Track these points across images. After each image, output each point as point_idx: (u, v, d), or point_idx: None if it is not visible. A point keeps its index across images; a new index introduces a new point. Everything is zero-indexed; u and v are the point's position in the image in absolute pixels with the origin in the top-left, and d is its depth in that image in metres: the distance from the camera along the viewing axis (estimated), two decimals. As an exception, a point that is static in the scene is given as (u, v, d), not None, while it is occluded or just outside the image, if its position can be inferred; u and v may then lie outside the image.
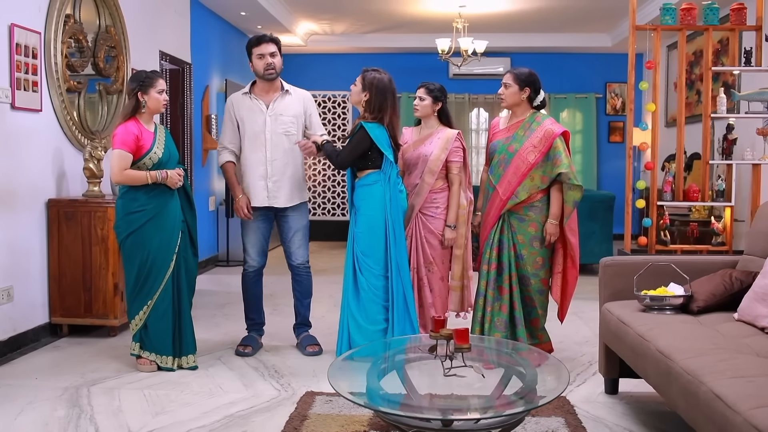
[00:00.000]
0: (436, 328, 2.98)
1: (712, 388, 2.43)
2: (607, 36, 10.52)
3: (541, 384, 2.75)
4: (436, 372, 2.84)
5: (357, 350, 3.44)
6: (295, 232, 4.75)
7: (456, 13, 8.74)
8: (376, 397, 2.61)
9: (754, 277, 3.43)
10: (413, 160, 4.55)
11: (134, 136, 4.17)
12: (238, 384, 4.07)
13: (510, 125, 4.43)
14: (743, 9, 6.20)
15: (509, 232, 4.34)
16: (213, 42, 8.47)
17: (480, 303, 4.37)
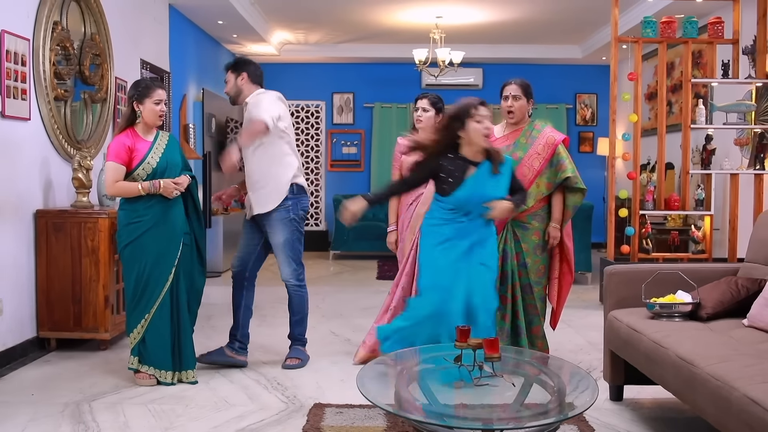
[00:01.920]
0: (461, 338, 2.97)
1: (746, 393, 2.47)
2: (577, 48, 10.68)
3: (572, 393, 2.76)
4: (464, 382, 2.83)
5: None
6: (273, 248, 4.68)
7: (433, 23, 8.81)
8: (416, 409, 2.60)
9: (759, 283, 3.51)
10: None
11: (126, 148, 4.11)
12: (243, 397, 4.01)
13: (508, 134, 4.46)
14: (720, 23, 6.36)
15: (512, 241, 4.37)
16: (190, 51, 8.39)
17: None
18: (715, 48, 6.41)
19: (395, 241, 4.78)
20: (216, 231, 8.35)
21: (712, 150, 6.52)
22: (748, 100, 6.59)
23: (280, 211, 4.53)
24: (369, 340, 4.60)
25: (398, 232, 4.78)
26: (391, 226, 4.81)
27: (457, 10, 8.52)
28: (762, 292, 3.33)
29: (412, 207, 4.65)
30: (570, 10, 8.59)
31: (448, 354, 3.01)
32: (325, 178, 11.42)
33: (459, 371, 2.84)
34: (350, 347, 5.15)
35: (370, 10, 8.61)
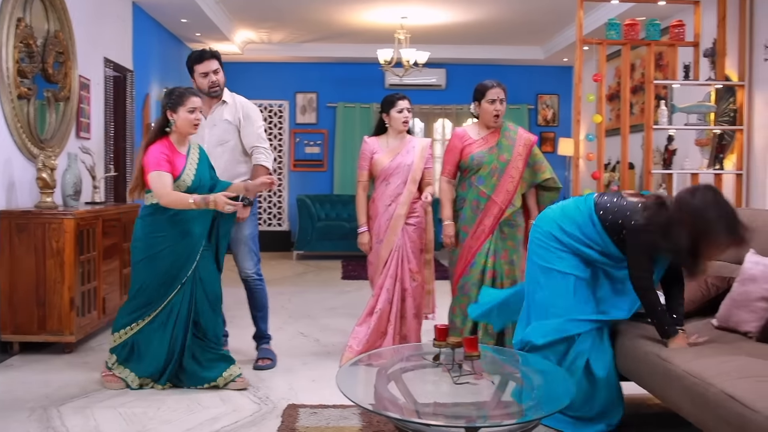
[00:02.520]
0: (440, 336, 2.99)
1: (723, 389, 2.52)
2: (539, 49, 10.80)
3: (549, 390, 2.80)
4: (443, 380, 2.85)
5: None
6: (237, 241, 4.64)
7: (398, 24, 8.82)
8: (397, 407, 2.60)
9: (728, 282, 3.59)
10: (392, 170, 4.63)
11: (164, 156, 3.93)
12: (216, 399, 3.97)
13: (485, 136, 4.50)
14: (682, 26, 6.49)
15: (501, 239, 4.43)
16: (153, 49, 8.28)
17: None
18: (676, 50, 6.53)
19: (368, 242, 4.72)
20: (179, 231, 8.25)
21: (673, 150, 6.65)
22: (707, 101, 6.73)
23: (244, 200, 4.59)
24: (355, 344, 4.54)
25: (374, 233, 4.70)
26: (362, 227, 4.75)
27: (421, 11, 8.55)
28: (730, 292, 3.41)
29: (391, 208, 4.63)
30: (533, 12, 8.68)
31: (425, 353, 3.02)
32: (288, 178, 11.37)
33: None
34: (319, 348, 5.14)
35: (335, 10, 8.59)
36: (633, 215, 3.18)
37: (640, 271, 3.16)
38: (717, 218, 2.92)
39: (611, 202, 3.32)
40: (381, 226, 4.66)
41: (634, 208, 3.21)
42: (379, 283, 4.63)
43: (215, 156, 4.51)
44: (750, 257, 3.38)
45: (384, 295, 4.60)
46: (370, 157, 4.71)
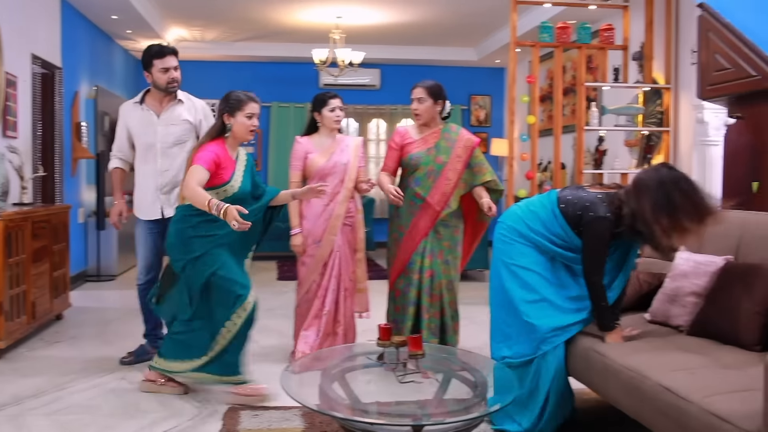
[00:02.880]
0: (384, 336, 3.00)
1: (659, 381, 2.61)
2: (472, 50, 10.94)
3: (493, 387, 2.84)
4: (387, 380, 2.87)
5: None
6: None
7: (333, 23, 8.82)
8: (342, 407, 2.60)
9: (659, 278, 3.71)
10: (329, 169, 4.59)
11: (215, 156, 3.79)
12: (154, 403, 3.89)
13: (425, 136, 4.48)
14: (611, 29, 6.67)
15: (436, 240, 4.43)
16: (82, 46, 8.05)
17: (410, 312, 4.38)
18: (606, 53, 6.71)
19: (302, 243, 4.63)
20: (110, 233, 8.06)
21: (604, 151, 6.83)
22: (635, 103, 6.94)
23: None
24: (308, 349, 4.49)
25: (309, 234, 4.62)
26: (296, 229, 4.66)
27: (357, 11, 8.56)
28: (661, 287, 3.52)
29: (330, 207, 4.58)
30: (467, 14, 8.79)
31: (369, 352, 3.04)
32: (222, 178, 11.21)
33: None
34: (258, 349, 5.08)
35: (270, 9, 8.53)
36: (592, 206, 3.24)
37: (593, 264, 3.22)
38: (675, 190, 2.99)
39: (572, 194, 3.37)
40: (318, 226, 4.60)
41: (593, 199, 3.27)
42: (323, 285, 4.58)
43: (171, 156, 4.45)
44: (680, 254, 3.50)
45: (330, 296, 4.57)
46: (304, 156, 4.64)
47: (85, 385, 4.19)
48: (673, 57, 6.59)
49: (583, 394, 3.94)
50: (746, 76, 4.23)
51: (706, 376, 2.60)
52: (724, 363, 2.78)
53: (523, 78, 8.39)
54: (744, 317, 2.96)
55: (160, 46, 4.46)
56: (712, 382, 2.53)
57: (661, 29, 6.66)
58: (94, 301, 6.85)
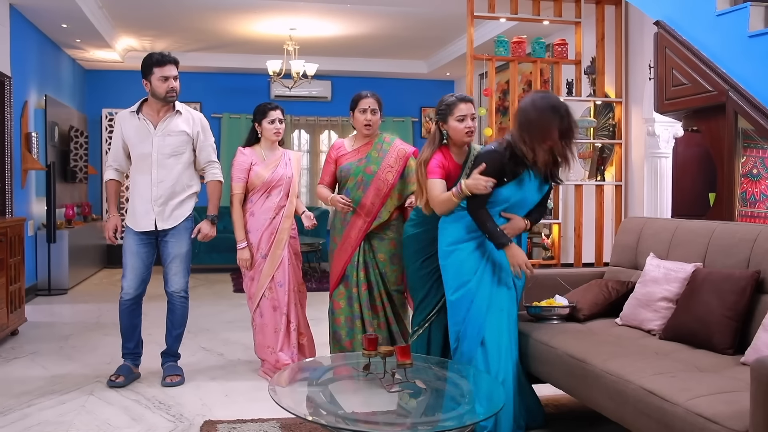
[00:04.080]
0: (370, 346, 3.03)
1: (642, 385, 2.71)
2: (423, 63, 11.07)
3: (480, 394, 2.90)
4: (375, 389, 2.90)
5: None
6: (173, 257, 4.52)
7: (286, 35, 8.82)
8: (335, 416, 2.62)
9: (628, 285, 3.83)
10: (275, 182, 4.57)
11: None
12: (126, 418, 3.83)
13: (358, 147, 4.44)
14: (565, 44, 6.85)
15: (371, 252, 4.40)
16: (31, 55, 7.88)
17: (358, 325, 4.37)
18: (560, 67, 6.89)
19: (249, 257, 4.59)
20: (61, 246, 7.88)
21: (559, 162, 6.98)
22: (587, 116, 7.14)
23: (189, 219, 4.54)
24: (280, 360, 4.49)
25: (255, 248, 4.59)
26: (242, 242, 4.61)
27: (310, 23, 8.58)
28: (633, 293, 3.64)
29: (276, 221, 4.55)
30: (419, 28, 8.89)
31: (355, 362, 3.06)
32: (171, 190, 11.06)
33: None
34: (225, 362, 5.06)
35: (223, 19, 8.49)
36: (483, 149, 3.63)
37: (474, 200, 3.48)
38: (531, 109, 3.39)
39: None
40: (264, 239, 4.56)
41: (488, 146, 3.61)
42: (283, 300, 4.56)
43: (167, 167, 4.39)
44: (650, 261, 3.63)
45: (293, 311, 4.58)
46: (248, 168, 4.58)
47: (52, 401, 4.10)
48: (623, 72, 6.81)
49: (555, 401, 4.04)
50: (703, 92, 4.40)
51: (686, 379, 2.70)
52: (700, 366, 2.90)
53: (477, 91, 8.54)
54: (716, 322, 3.08)
55: (161, 54, 4.38)
56: (693, 384, 2.63)
57: (612, 45, 6.88)
58: (47, 316, 6.69)
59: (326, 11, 8.07)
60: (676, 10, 4.68)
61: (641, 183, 6.61)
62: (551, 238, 7.00)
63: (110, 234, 4.51)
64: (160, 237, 4.49)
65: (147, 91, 4.42)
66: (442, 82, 11.55)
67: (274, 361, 4.53)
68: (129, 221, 4.51)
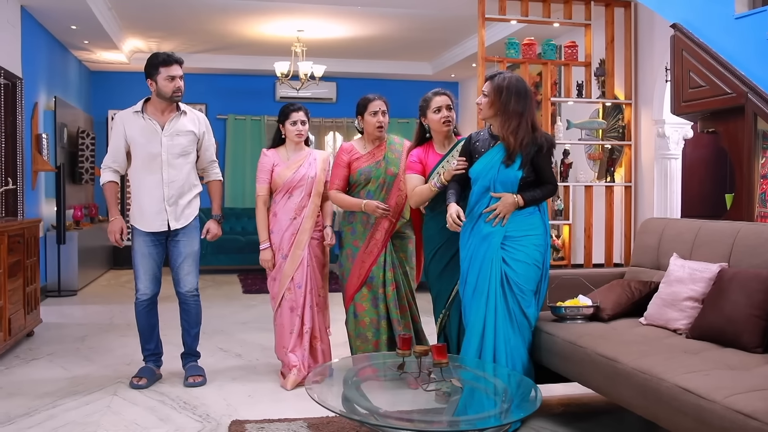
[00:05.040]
0: (404, 346, 3.06)
1: (677, 383, 2.74)
2: (428, 65, 11.11)
3: (516, 393, 2.93)
4: (411, 389, 2.93)
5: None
6: (185, 257, 4.56)
7: (294, 37, 8.85)
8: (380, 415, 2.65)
9: (650, 285, 3.87)
10: (295, 182, 4.56)
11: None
12: (153, 419, 3.85)
13: (372, 150, 4.48)
14: (575, 46, 6.90)
15: (394, 252, 4.46)
16: (41, 57, 7.89)
17: (384, 326, 4.39)
18: (570, 69, 6.93)
19: (271, 258, 4.60)
20: (70, 247, 7.89)
21: (569, 164, 7.03)
22: (595, 118, 7.19)
23: (196, 218, 4.58)
24: (290, 362, 4.49)
25: (277, 248, 4.59)
26: (264, 243, 4.62)
27: (318, 25, 8.62)
28: (657, 293, 3.68)
29: (296, 221, 4.56)
30: (424, 30, 8.93)
31: (382, 362, 3.09)
32: (176, 191, 11.07)
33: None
34: (243, 362, 5.09)
35: (232, 21, 8.51)
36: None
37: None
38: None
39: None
40: (285, 240, 4.56)
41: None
42: (300, 302, 4.55)
43: (177, 167, 4.41)
44: (674, 261, 3.67)
45: (308, 313, 4.56)
46: (270, 169, 4.60)
47: (76, 402, 4.12)
48: (632, 74, 6.85)
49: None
50: (721, 94, 4.45)
51: (720, 377, 2.74)
52: (730, 364, 2.93)
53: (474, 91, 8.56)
54: (744, 321, 3.12)
55: (167, 54, 4.40)
56: (728, 382, 2.66)
57: (621, 47, 6.92)
58: (59, 317, 6.69)
59: (335, 13, 8.10)
60: (693, 13, 4.73)
61: (651, 184, 6.65)
62: (562, 239, 7.04)
63: (117, 237, 4.47)
64: (170, 237, 4.51)
65: (152, 90, 4.42)
66: (446, 84, 11.50)
67: (287, 362, 4.56)
68: (138, 223, 4.49)
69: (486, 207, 3.72)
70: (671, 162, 6.56)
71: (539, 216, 3.76)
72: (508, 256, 3.66)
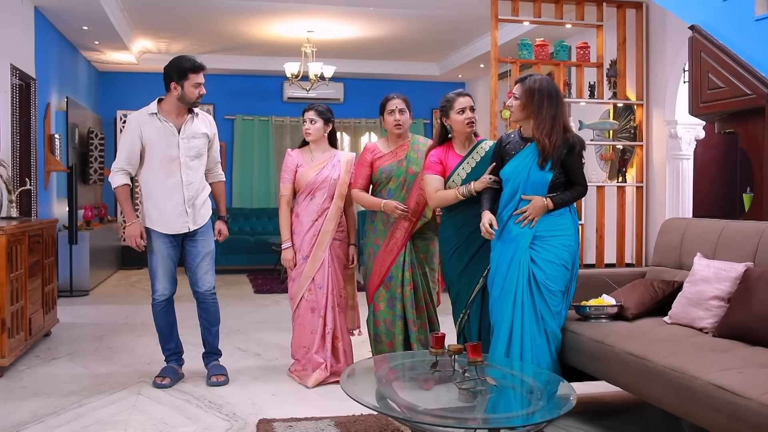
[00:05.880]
0: (437, 344, 3.09)
1: (711, 380, 2.77)
2: (435, 65, 11.14)
3: (551, 390, 2.96)
4: (446, 387, 2.96)
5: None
6: (203, 256, 4.60)
7: (303, 37, 8.88)
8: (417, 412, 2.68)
9: (674, 285, 3.90)
10: (317, 184, 4.57)
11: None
12: (181, 418, 3.87)
13: (395, 149, 4.51)
14: (587, 47, 6.93)
15: (414, 252, 4.48)
16: (52, 57, 7.90)
17: (400, 326, 4.42)
18: (582, 70, 6.96)
19: (293, 258, 4.62)
20: (82, 247, 7.90)
21: (582, 164, 7.04)
22: (606, 119, 7.22)
23: (211, 218, 4.62)
24: (315, 361, 4.53)
25: (298, 249, 4.62)
26: (286, 243, 4.65)
27: (328, 25, 8.64)
28: (682, 291, 3.71)
29: (318, 223, 4.57)
30: (432, 30, 8.96)
31: (420, 361, 3.12)
32: (184, 191, 11.10)
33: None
34: (263, 362, 5.11)
35: (243, 22, 8.53)
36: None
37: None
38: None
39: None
40: (306, 241, 4.58)
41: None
42: (321, 303, 4.56)
43: (193, 168, 4.45)
44: (699, 260, 3.70)
45: (330, 314, 4.58)
46: (294, 170, 4.63)
47: (102, 401, 4.14)
48: (644, 74, 6.89)
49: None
50: (741, 95, 4.48)
51: (753, 374, 2.77)
52: (761, 363, 2.95)
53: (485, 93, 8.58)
54: (773, 320, 3.15)
55: (193, 60, 4.44)
56: (762, 379, 2.69)
57: (633, 48, 6.95)
58: (74, 317, 6.70)
59: (345, 14, 8.13)
60: (712, 15, 4.76)
61: (662, 184, 6.69)
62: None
63: (139, 241, 4.48)
64: (187, 237, 4.54)
65: (175, 94, 4.40)
66: (453, 84, 11.59)
67: (306, 361, 4.58)
68: (156, 225, 4.49)
69: (516, 209, 3.75)
70: (683, 162, 6.59)
71: (569, 217, 3.80)
72: (537, 256, 3.69)
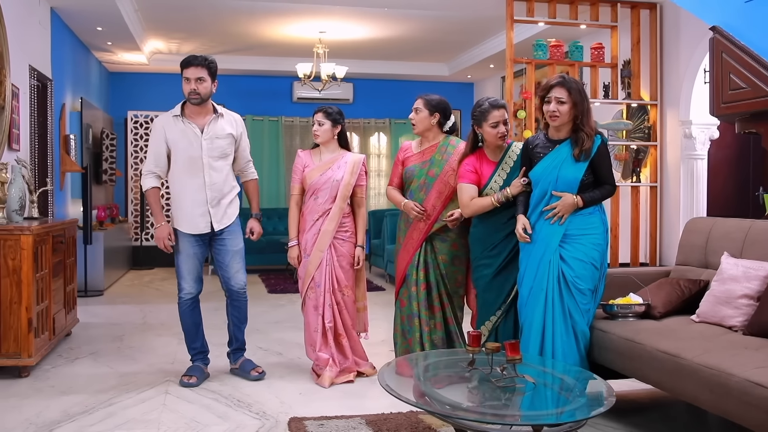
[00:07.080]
0: (473, 343, 3.12)
1: (747, 377, 2.80)
2: (445, 65, 11.16)
3: (587, 389, 3.00)
4: (484, 383, 2.99)
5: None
6: (233, 255, 4.63)
7: (315, 38, 8.90)
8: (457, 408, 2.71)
9: (700, 284, 3.94)
10: (321, 184, 4.62)
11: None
12: (211, 416, 3.90)
13: (424, 150, 4.54)
14: (601, 48, 6.96)
15: (432, 253, 4.49)
16: (68, 58, 7.93)
17: (416, 324, 4.45)
18: (597, 71, 6.99)
19: (297, 256, 4.68)
20: (96, 247, 7.92)
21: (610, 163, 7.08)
22: (619, 119, 7.25)
23: (238, 216, 4.67)
24: (321, 359, 4.57)
25: (302, 247, 4.68)
26: (292, 241, 4.70)
27: (340, 26, 8.66)
28: (709, 290, 3.75)
29: (319, 223, 4.62)
30: (444, 31, 8.98)
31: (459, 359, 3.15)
32: (193, 192, 11.11)
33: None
34: (285, 360, 5.14)
35: (255, 23, 8.55)
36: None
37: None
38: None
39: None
40: (308, 240, 4.64)
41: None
42: (320, 302, 4.60)
43: (217, 169, 4.48)
44: (726, 259, 3.74)
45: (328, 312, 4.61)
46: (302, 170, 4.69)
47: (132, 400, 4.17)
48: (658, 75, 6.92)
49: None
50: (763, 95, 4.49)
51: (789, 372, 2.80)
52: (794, 360, 3.00)
53: (495, 94, 8.66)
54: (804, 318, 3.19)
55: (192, 56, 4.64)
56: (798, 377, 2.73)
57: (647, 48, 6.99)
58: (91, 317, 6.72)
59: (358, 14, 8.15)
60: (734, 16, 4.79)
61: (676, 184, 6.72)
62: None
63: (167, 243, 4.53)
64: (214, 237, 4.58)
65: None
66: (462, 85, 11.66)
67: (316, 359, 4.62)
68: (181, 225, 4.55)
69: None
70: (697, 162, 6.63)
71: (599, 216, 3.83)
72: (567, 254, 3.73)
